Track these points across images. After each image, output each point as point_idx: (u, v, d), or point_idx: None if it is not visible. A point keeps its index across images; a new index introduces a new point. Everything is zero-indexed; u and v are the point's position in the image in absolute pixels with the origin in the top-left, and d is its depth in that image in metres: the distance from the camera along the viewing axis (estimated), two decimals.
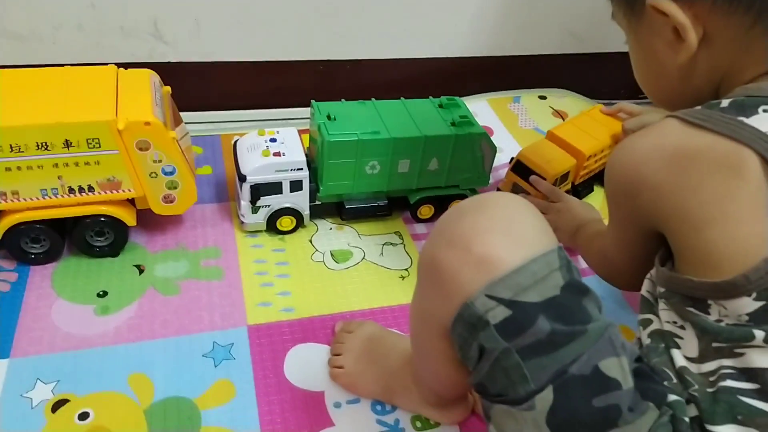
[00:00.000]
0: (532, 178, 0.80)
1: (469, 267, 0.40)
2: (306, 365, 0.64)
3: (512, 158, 0.84)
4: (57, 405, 0.57)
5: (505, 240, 0.40)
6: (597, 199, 0.89)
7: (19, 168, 0.64)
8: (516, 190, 0.82)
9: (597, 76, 1.21)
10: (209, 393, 0.60)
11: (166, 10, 0.92)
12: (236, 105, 1.01)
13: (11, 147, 0.62)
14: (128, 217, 0.71)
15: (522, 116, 1.06)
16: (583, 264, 0.69)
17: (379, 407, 0.61)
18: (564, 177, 0.83)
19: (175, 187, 0.72)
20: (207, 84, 0.98)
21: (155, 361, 0.62)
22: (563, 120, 1.04)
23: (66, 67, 0.72)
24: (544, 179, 0.79)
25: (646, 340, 0.47)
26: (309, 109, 0.80)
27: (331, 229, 0.82)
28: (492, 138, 0.82)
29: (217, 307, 0.69)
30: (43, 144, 0.63)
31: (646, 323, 0.48)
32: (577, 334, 0.38)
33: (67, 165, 0.65)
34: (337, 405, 0.60)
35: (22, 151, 0.63)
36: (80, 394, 0.58)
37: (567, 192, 0.83)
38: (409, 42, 1.05)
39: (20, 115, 0.63)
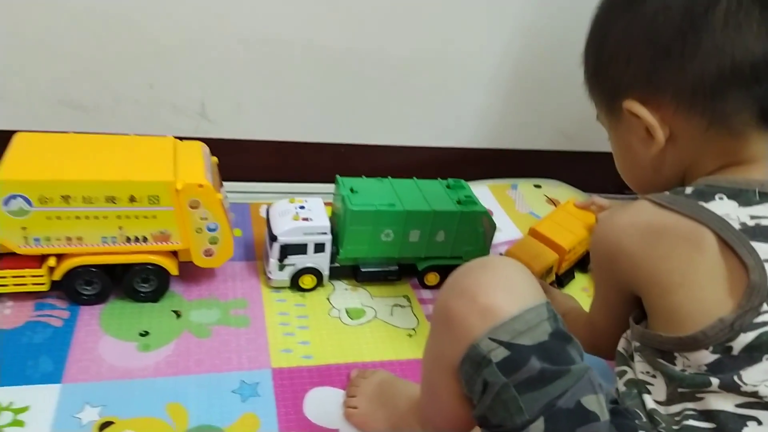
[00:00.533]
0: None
1: (475, 315, 0.48)
2: (323, 405, 0.71)
3: (500, 254, 0.93)
4: (103, 426, 0.64)
5: (504, 293, 0.49)
6: (578, 283, 0.99)
7: (87, 217, 0.74)
8: None
9: (586, 171, 1.34)
10: (237, 424, 0.67)
11: (213, 93, 1.06)
12: (265, 178, 1.13)
13: (83, 198, 0.73)
14: (172, 267, 0.81)
15: (519, 201, 1.19)
16: None
17: None
18: (548, 270, 0.90)
19: (216, 243, 0.82)
20: (241, 158, 1.10)
21: (189, 393, 0.70)
22: (555, 206, 1.17)
23: (130, 135, 0.85)
24: None
25: (622, 388, 0.55)
26: (329, 185, 0.93)
27: (346, 289, 0.92)
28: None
29: (245, 351, 0.77)
30: (111, 198, 0.74)
31: (621, 374, 0.57)
32: (562, 372, 0.46)
33: (128, 217, 0.76)
34: None
35: (92, 203, 0.74)
36: (123, 417, 0.66)
37: (551, 283, 0.92)
38: (420, 132, 1.20)
39: (92, 172, 0.74)
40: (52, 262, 0.76)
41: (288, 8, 1.01)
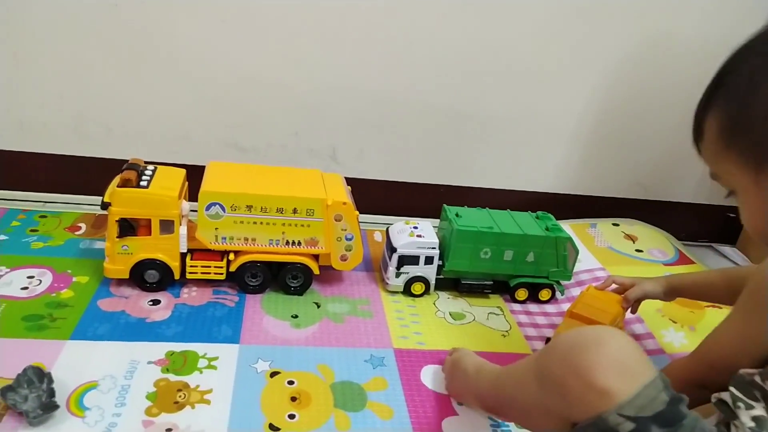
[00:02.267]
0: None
1: (593, 394, 0.52)
2: (435, 377, 0.89)
3: (547, 339, 0.99)
4: (273, 374, 0.85)
5: (620, 377, 0.52)
6: None
7: (261, 223, 0.98)
8: None
9: (659, 221, 1.49)
10: (371, 382, 0.86)
11: (342, 141, 1.32)
12: (376, 211, 1.36)
13: (261, 208, 0.97)
14: (315, 267, 1.03)
15: (598, 238, 1.35)
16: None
17: None
18: None
19: (350, 250, 1.04)
20: (359, 192, 1.34)
21: (333, 359, 0.90)
22: (633, 242, 1.31)
23: (290, 168, 1.10)
24: None
25: (750, 423, 0.55)
26: (431, 219, 1.13)
27: (449, 298, 1.10)
28: (579, 257, 1.11)
29: (371, 335, 0.97)
30: (280, 209, 0.98)
31: (748, 407, 0.57)
32: (677, 429, 0.51)
33: (290, 225, 0.99)
34: (460, 404, 0.84)
35: (267, 212, 0.98)
36: (287, 370, 0.86)
37: None
38: (510, 178, 1.40)
39: (267, 189, 0.99)
40: (231, 257, 1.00)
41: (405, 72, 1.27)
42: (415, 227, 1.10)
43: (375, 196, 1.35)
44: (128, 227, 0.95)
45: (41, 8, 1.13)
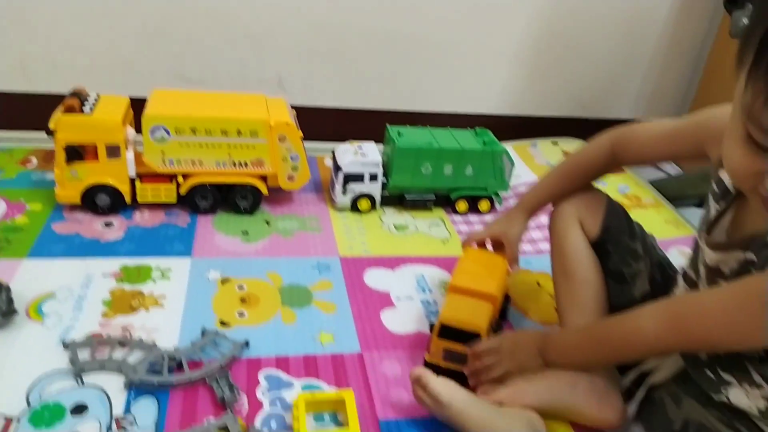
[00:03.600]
0: (471, 349, 0.74)
1: None
2: (378, 279, 0.96)
3: (432, 324, 0.78)
4: (224, 281, 0.91)
5: None
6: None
7: (206, 145, 1.02)
8: (450, 355, 0.76)
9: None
10: (317, 284, 0.93)
11: (288, 69, 1.34)
12: (326, 138, 1.40)
13: (205, 130, 1.01)
14: (263, 188, 1.08)
15: (538, 156, 1.42)
16: None
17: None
18: (492, 322, 0.81)
19: (296, 170, 1.08)
20: (309, 121, 1.37)
21: (282, 267, 0.96)
22: None
23: (235, 93, 1.13)
24: (478, 335, 0.75)
25: None
26: (378, 144, 1.18)
27: (394, 212, 1.17)
28: (515, 171, 1.17)
29: (319, 246, 1.03)
30: (224, 131, 1.01)
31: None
32: None
33: (235, 147, 1.03)
34: (398, 299, 0.92)
35: (211, 134, 1.01)
36: (237, 277, 0.92)
37: (498, 327, 0.86)
38: (453, 100, 1.45)
39: (211, 112, 1.02)
40: (180, 180, 1.04)
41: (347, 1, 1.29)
42: (360, 147, 1.15)
43: (324, 124, 1.39)
44: (75, 153, 0.98)
45: None
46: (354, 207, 1.15)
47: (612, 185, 1.32)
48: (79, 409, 0.67)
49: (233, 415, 0.67)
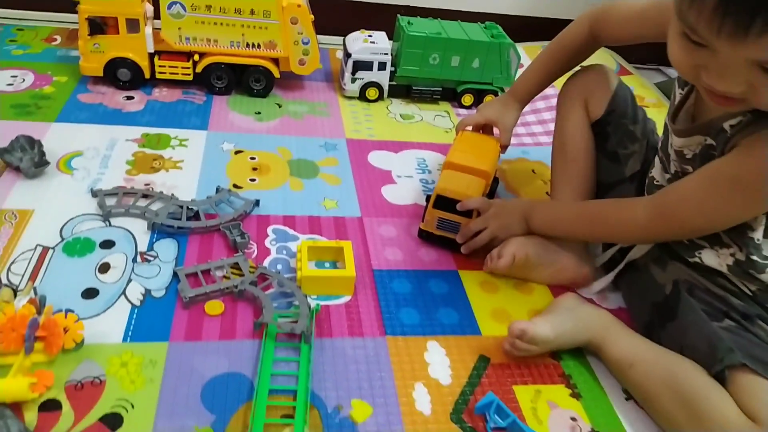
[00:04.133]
0: (461, 203, 0.80)
1: None
2: (381, 159, 1.02)
3: (428, 196, 0.84)
4: (237, 152, 0.97)
5: None
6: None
7: (221, 24, 1.06)
8: (443, 224, 0.82)
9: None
10: (323, 161, 0.99)
11: None
12: (339, 32, 1.42)
13: (220, 8, 1.04)
14: (275, 71, 1.12)
15: None
16: None
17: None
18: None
19: (307, 54, 1.12)
20: (323, 13, 1.39)
21: (291, 144, 1.02)
22: None
23: None
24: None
25: None
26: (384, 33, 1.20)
27: (401, 103, 1.21)
28: (523, 70, 1.19)
29: (327, 128, 1.09)
30: (238, 9, 1.05)
31: None
32: None
33: (249, 27, 1.07)
34: (398, 177, 0.98)
35: (225, 12, 1.05)
36: (249, 149, 0.98)
37: None
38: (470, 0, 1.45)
39: None
40: (196, 57, 1.09)
41: None
42: (370, 35, 1.18)
43: (338, 16, 1.40)
44: (97, 26, 1.03)
45: None
46: (362, 96, 1.19)
47: None
48: (107, 244, 0.75)
49: (244, 255, 0.75)
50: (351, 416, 0.60)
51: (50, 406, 0.57)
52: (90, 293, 0.69)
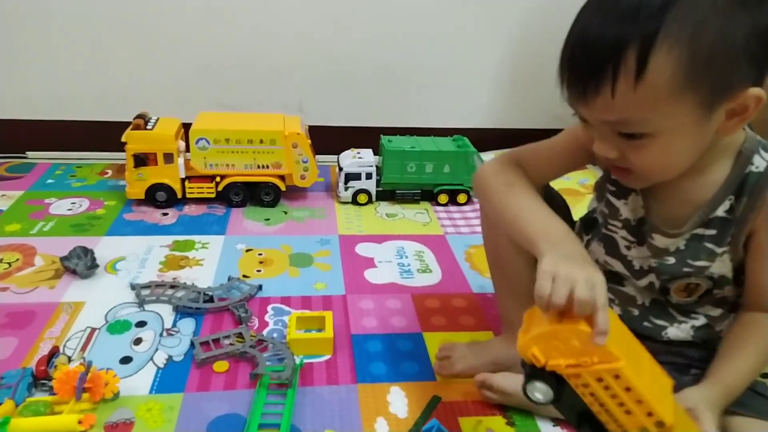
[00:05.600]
0: None
1: None
2: (366, 249, 1.23)
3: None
4: (248, 250, 1.20)
5: None
6: None
7: (237, 152, 1.33)
8: None
9: None
10: (318, 252, 1.21)
11: (307, 95, 1.65)
12: (337, 152, 1.69)
13: (236, 140, 1.32)
14: (282, 185, 1.37)
15: None
16: None
17: None
18: None
19: (307, 170, 1.37)
20: (323, 138, 1.67)
21: (293, 241, 1.24)
22: None
23: (260, 113, 1.44)
24: None
25: None
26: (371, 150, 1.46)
27: (387, 204, 1.44)
28: None
29: (324, 227, 1.31)
30: (250, 140, 1.32)
31: None
32: None
33: (259, 152, 1.33)
34: (380, 262, 1.17)
35: (240, 143, 1.32)
36: (258, 248, 1.20)
37: None
38: (444, 118, 1.72)
39: (241, 126, 1.33)
40: (218, 179, 1.35)
41: (353, 34, 1.59)
42: (358, 152, 1.44)
43: (336, 139, 1.68)
44: (141, 160, 1.31)
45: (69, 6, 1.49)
46: (354, 201, 1.42)
47: (574, 178, 1.55)
48: (141, 324, 0.96)
49: (247, 327, 0.94)
50: None
51: None
52: (126, 360, 0.88)
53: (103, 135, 1.62)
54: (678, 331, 0.75)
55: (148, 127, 1.31)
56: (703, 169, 0.66)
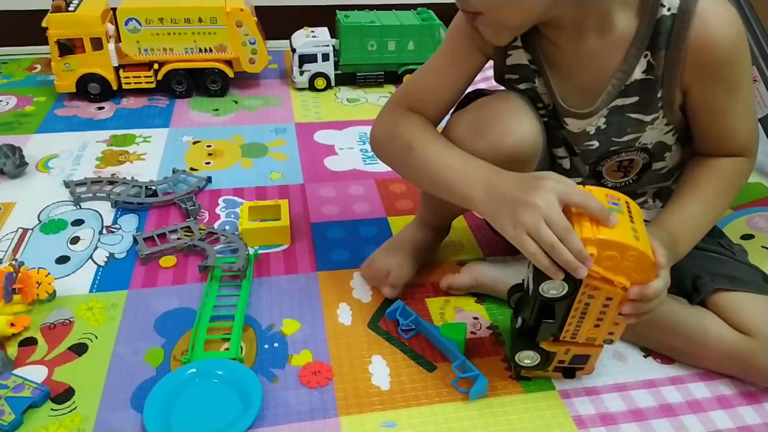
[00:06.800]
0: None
1: None
2: (326, 136, 1.13)
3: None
4: (195, 142, 1.10)
5: None
6: None
7: (174, 33, 1.18)
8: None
9: None
10: (273, 142, 1.11)
11: None
12: (288, 36, 1.54)
13: (171, 20, 1.17)
14: (229, 71, 1.25)
15: None
16: None
17: None
18: None
19: (255, 54, 1.24)
20: (276, 22, 1.51)
21: (245, 132, 1.14)
22: None
23: None
24: None
25: None
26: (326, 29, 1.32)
27: (348, 90, 1.33)
28: None
29: (278, 116, 1.21)
30: (188, 19, 1.18)
31: None
32: None
33: (199, 33, 1.19)
34: (341, 149, 1.09)
35: (176, 23, 1.18)
36: (206, 139, 1.10)
37: None
38: None
39: (173, 3, 1.18)
40: (156, 66, 1.22)
41: None
42: (312, 31, 1.30)
43: (289, 21, 1.52)
44: (66, 47, 1.16)
45: None
46: (312, 86, 1.31)
47: None
48: (78, 223, 0.87)
49: (195, 221, 0.87)
50: (282, 331, 0.71)
51: (28, 342, 0.68)
52: (62, 260, 0.81)
53: (29, 26, 1.44)
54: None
55: (70, 9, 1.15)
56: (603, 24, 0.58)
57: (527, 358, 0.62)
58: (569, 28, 0.58)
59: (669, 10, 0.56)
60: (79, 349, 0.67)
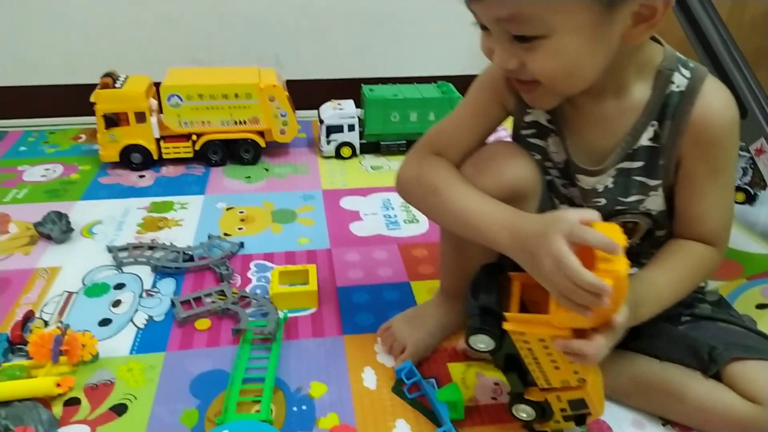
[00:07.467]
0: None
1: None
2: (351, 202, 1.19)
3: None
4: (228, 209, 1.16)
5: None
6: None
7: (212, 108, 1.27)
8: None
9: None
10: (301, 208, 1.17)
11: (284, 50, 1.59)
12: (318, 105, 1.63)
13: (210, 96, 1.26)
14: (261, 141, 1.33)
15: None
16: None
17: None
18: None
19: (286, 125, 1.33)
20: (302, 92, 1.61)
21: (275, 198, 1.20)
22: None
23: (233, 67, 1.38)
24: None
25: None
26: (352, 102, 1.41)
27: (372, 157, 1.39)
28: None
29: (307, 183, 1.28)
30: (225, 95, 1.27)
31: None
32: None
33: (235, 107, 1.28)
34: (365, 215, 1.14)
35: (214, 98, 1.27)
36: (238, 206, 1.17)
37: None
38: (427, 65, 1.66)
39: (212, 81, 1.28)
40: (194, 137, 1.30)
41: None
42: (339, 104, 1.39)
43: (316, 93, 1.62)
44: (112, 121, 1.25)
45: None
46: (338, 154, 1.38)
47: None
48: (119, 286, 0.93)
49: (228, 284, 0.92)
50: (309, 394, 0.74)
51: (72, 402, 0.72)
52: (105, 322, 0.86)
53: (75, 99, 1.55)
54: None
55: (116, 85, 1.25)
56: (620, 91, 0.63)
57: (523, 411, 0.65)
58: (593, 90, 0.62)
59: (678, 87, 0.62)
60: (120, 409, 0.71)
